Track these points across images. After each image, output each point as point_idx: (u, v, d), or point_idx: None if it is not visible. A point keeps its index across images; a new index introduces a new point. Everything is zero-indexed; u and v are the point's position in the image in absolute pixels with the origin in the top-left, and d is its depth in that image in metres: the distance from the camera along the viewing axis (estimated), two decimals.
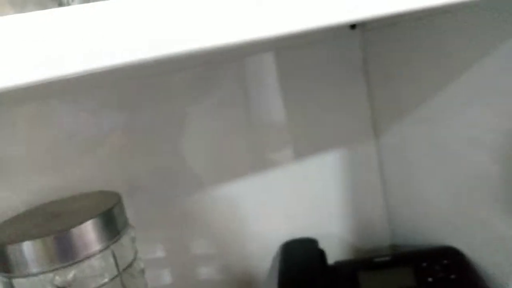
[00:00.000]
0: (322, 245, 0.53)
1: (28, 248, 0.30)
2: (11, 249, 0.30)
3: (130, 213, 0.42)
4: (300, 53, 0.56)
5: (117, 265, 0.35)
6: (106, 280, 0.34)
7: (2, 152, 0.45)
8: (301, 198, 0.59)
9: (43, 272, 0.31)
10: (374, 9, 0.25)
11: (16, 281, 0.31)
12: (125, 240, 0.37)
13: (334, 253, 0.54)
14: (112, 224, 0.35)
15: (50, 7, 0.19)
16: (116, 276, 0.35)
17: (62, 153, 0.47)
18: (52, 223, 0.34)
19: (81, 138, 0.48)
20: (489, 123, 0.43)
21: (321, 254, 0.51)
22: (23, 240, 0.30)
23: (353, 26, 0.57)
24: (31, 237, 0.31)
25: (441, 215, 0.52)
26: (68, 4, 0.29)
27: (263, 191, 0.57)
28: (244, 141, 0.56)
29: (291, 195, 0.58)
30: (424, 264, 0.48)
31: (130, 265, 0.37)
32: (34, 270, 0.30)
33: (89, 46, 0.19)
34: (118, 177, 0.50)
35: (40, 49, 0.18)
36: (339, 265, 0.51)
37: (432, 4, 0.27)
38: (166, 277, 0.53)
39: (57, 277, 0.30)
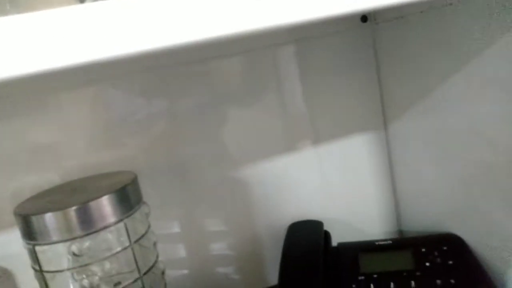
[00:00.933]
0: (330, 228, 0.56)
1: (50, 219, 0.34)
2: (35, 219, 0.34)
3: (151, 191, 0.46)
4: (316, 45, 0.58)
5: (129, 237, 0.39)
6: (118, 249, 0.38)
7: (52, 135, 0.49)
8: (312, 182, 0.61)
9: (62, 241, 0.35)
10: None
11: (38, 248, 0.35)
12: (138, 215, 0.41)
13: (340, 237, 0.56)
14: (126, 200, 0.39)
15: None
16: (127, 247, 0.39)
17: (102, 136, 0.52)
18: (73, 198, 0.37)
19: (123, 122, 0.52)
20: (494, 114, 0.43)
21: (326, 235, 0.54)
22: (46, 211, 0.34)
23: (364, 19, 0.58)
24: (53, 209, 0.34)
25: (446, 204, 0.53)
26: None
27: (276, 175, 0.59)
28: (267, 127, 0.58)
29: (302, 179, 0.61)
30: (424, 249, 0.50)
31: (142, 238, 0.41)
32: (54, 238, 0.35)
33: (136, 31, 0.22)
34: (142, 159, 0.53)
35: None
36: (341, 247, 0.53)
37: None
38: (181, 250, 0.57)
39: (73, 246, 0.35)
